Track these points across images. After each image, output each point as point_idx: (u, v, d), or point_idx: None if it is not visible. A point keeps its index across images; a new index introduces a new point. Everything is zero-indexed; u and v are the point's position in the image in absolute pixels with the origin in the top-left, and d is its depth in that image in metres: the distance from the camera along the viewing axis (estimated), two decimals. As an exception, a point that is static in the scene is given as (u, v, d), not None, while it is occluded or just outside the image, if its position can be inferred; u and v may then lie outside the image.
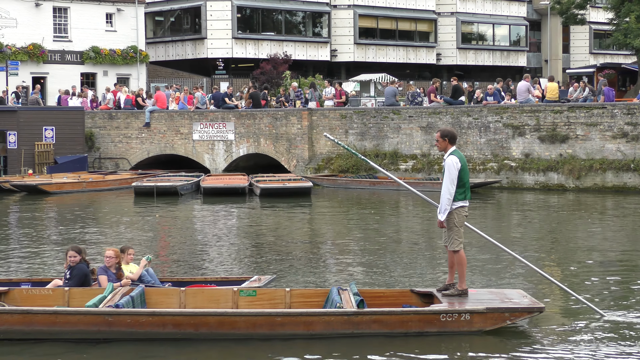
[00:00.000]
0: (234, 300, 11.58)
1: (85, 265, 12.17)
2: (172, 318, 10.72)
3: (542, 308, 11.19)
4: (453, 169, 11.42)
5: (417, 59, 64.35)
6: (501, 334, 10.94)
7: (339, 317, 10.74)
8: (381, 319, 10.81)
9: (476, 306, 11.03)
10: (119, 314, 10.65)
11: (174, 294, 11.70)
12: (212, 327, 10.69)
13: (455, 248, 11.56)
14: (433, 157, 33.76)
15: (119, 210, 27.88)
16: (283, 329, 10.72)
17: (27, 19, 47.41)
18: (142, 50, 51.68)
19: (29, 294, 11.84)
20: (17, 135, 36.35)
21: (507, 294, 11.78)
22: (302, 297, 11.66)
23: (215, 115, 38.44)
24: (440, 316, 10.86)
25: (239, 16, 57.15)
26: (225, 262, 17.04)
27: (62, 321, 10.64)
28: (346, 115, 36.18)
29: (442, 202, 11.49)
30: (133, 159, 39.94)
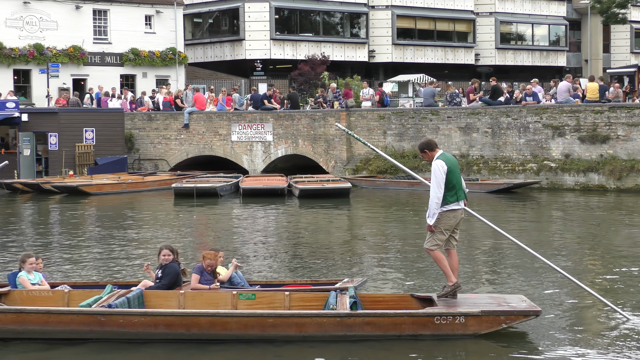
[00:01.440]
0: (233, 304, 11.49)
1: (177, 264, 12.20)
2: (164, 318, 10.69)
3: (538, 312, 10.96)
4: (439, 172, 11.31)
5: (455, 59, 64.11)
6: (497, 337, 10.74)
7: (331, 319, 10.62)
8: (374, 321, 10.65)
9: (471, 309, 10.84)
10: (111, 314, 10.67)
11: (172, 296, 11.65)
12: (203, 328, 10.64)
13: (428, 247, 11.41)
14: (472, 158, 33.61)
15: (161, 211, 28.02)
16: (275, 330, 10.63)
17: (68, 22, 47.83)
18: (181, 52, 51.96)
19: (29, 295, 11.86)
20: (58, 136, 36.68)
21: (507, 298, 11.55)
22: (302, 300, 11.51)
23: (254, 117, 38.53)
24: (434, 319, 10.66)
25: (277, 17, 57.26)
26: (288, 264, 16.95)
27: (55, 321, 10.67)
28: (384, 116, 36.11)
29: (430, 207, 11.33)
30: (172, 160, 40.14)
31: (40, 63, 46.19)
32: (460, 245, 18.40)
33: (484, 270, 16.06)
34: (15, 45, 46.09)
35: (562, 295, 12.73)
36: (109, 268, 16.53)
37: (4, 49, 45.66)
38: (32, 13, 46.95)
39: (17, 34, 46.40)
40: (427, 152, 11.61)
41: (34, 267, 12.18)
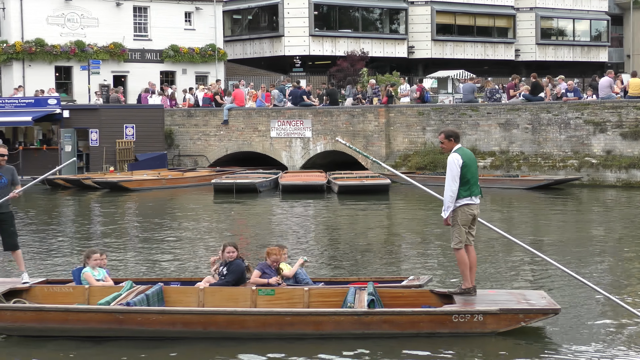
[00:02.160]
0: (253, 300, 11.47)
1: (242, 261, 12.15)
2: (182, 317, 10.71)
3: (557, 309, 10.82)
4: (454, 166, 11.23)
5: (495, 55, 63.73)
6: (515, 335, 10.63)
7: (349, 317, 10.58)
8: (392, 319, 10.59)
9: (489, 307, 10.74)
10: (129, 312, 10.69)
11: (192, 292, 11.68)
12: (221, 326, 10.64)
13: (454, 246, 11.34)
14: (512, 154, 33.42)
15: (203, 207, 28.16)
16: (293, 328, 10.59)
17: (108, 19, 48.17)
18: (220, 49, 52.12)
19: (50, 292, 11.93)
20: (98, 133, 36.97)
21: (527, 295, 11.43)
22: (321, 296, 11.46)
23: (293, 113, 38.57)
24: (452, 317, 10.58)
25: (316, 13, 57.26)
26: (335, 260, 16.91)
27: (74, 319, 10.73)
28: (423, 112, 35.99)
29: (445, 200, 11.29)
30: (211, 156, 40.30)
31: (81, 60, 46.55)
32: (484, 242, 18.30)
33: (507, 265, 15.94)
34: (56, 43, 46.49)
35: (584, 292, 12.57)
36: (159, 264, 16.60)
37: (46, 46, 46.08)
38: (74, 10, 47.33)
39: (59, 31, 46.80)
40: (451, 141, 11.48)
41: (98, 263, 12.21)
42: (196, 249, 18.59)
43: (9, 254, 13.75)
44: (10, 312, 10.91)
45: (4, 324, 10.90)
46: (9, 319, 10.86)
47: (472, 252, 11.50)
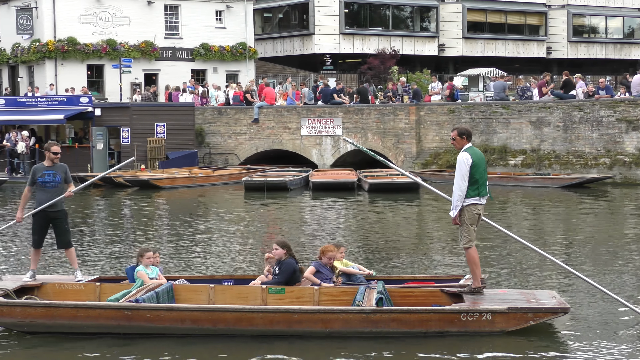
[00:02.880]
0: (263, 298, 11.45)
1: (293, 260, 11.98)
2: (190, 314, 10.70)
3: (567, 309, 10.73)
4: (463, 165, 11.18)
5: (526, 52, 63.41)
6: (524, 334, 10.55)
7: (357, 315, 10.52)
8: (400, 317, 10.53)
9: (498, 306, 10.67)
10: (137, 309, 10.70)
11: (203, 290, 11.67)
12: (229, 323, 10.62)
13: (464, 245, 11.29)
14: (543, 152, 33.23)
15: (235, 205, 28.24)
16: (301, 326, 10.57)
17: (140, 17, 48.41)
18: (251, 47, 52.22)
19: (62, 289, 11.98)
20: (130, 131, 37.17)
21: (537, 294, 11.32)
22: (331, 295, 11.41)
23: (323, 111, 38.57)
24: (460, 315, 10.51)
25: (347, 11, 57.23)
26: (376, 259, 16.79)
27: (83, 315, 10.76)
28: (454, 110, 35.88)
29: (454, 199, 11.26)
30: (242, 154, 40.40)
31: (113, 58, 46.83)
32: (499, 240, 18.21)
33: (523, 264, 15.82)
34: (88, 41, 46.79)
35: (598, 292, 12.46)
36: (200, 261, 16.62)
37: (78, 44, 46.39)
38: (105, 9, 47.61)
39: (91, 30, 47.09)
40: (464, 139, 11.42)
41: (151, 261, 12.18)
42: (235, 247, 18.63)
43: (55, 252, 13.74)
44: (20, 308, 10.96)
45: (15, 320, 10.98)
46: (19, 315, 10.93)
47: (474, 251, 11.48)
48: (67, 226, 12.96)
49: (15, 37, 47.45)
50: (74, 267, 12.85)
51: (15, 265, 16.12)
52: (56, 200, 12.66)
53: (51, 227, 12.92)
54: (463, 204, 11.22)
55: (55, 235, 12.94)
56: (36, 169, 12.88)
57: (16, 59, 48.09)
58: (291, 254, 11.98)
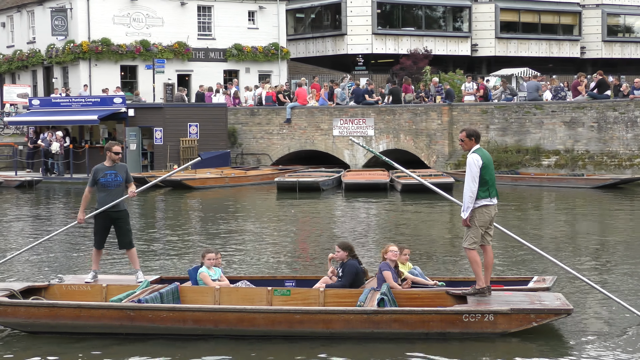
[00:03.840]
0: (268, 300, 11.45)
1: (356, 262, 11.87)
2: (192, 314, 10.71)
3: (570, 310, 10.61)
4: (474, 167, 11.12)
5: (560, 52, 63.02)
6: (527, 336, 10.47)
7: (358, 316, 10.48)
8: (401, 318, 10.48)
9: (500, 307, 10.59)
10: (140, 309, 10.74)
11: (208, 292, 11.67)
12: (231, 323, 10.62)
13: (467, 246, 11.21)
14: (577, 153, 33.01)
15: (268, 205, 28.29)
16: (302, 327, 10.54)
17: (173, 18, 48.65)
18: (283, 47, 52.30)
19: (69, 290, 12.00)
20: (163, 131, 37.34)
21: (542, 296, 11.18)
22: (337, 297, 11.36)
23: (355, 111, 38.55)
24: (462, 316, 10.44)
25: (379, 12, 57.18)
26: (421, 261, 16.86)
27: (86, 315, 10.79)
28: (487, 110, 35.73)
29: (465, 201, 11.19)
30: (274, 154, 40.46)
31: (146, 59, 47.09)
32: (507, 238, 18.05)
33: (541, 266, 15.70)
34: (122, 42, 47.08)
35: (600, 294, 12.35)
36: (248, 262, 16.61)
37: (112, 45, 46.70)
38: (139, 10, 47.89)
39: (125, 31, 47.38)
40: (472, 141, 11.39)
41: (213, 263, 12.12)
42: (274, 247, 18.63)
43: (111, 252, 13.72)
44: (24, 308, 11.01)
45: (19, 320, 11.03)
46: (23, 315, 10.97)
47: (489, 252, 11.40)
48: (129, 227, 12.90)
49: (50, 38, 47.84)
50: (136, 267, 12.83)
51: (74, 265, 16.21)
52: (119, 200, 12.62)
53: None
54: (475, 205, 11.17)
55: (116, 235, 12.87)
56: (97, 169, 12.81)
57: (51, 60, 48.49)
58: (354, 256, 11.91)
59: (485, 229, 11.28)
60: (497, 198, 11.36)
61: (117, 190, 12.67)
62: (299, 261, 16.84)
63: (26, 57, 50.77)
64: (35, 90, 50.21)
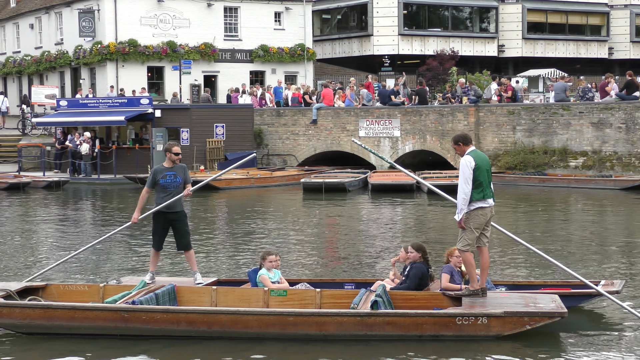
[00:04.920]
0: (265, 300, 11.44)
1: (424, 265, 11.79)
2: (186, 316, 10.72)
3: (564, 313, 10.52)
4: (466, 169, 11.13)
5: (587, 53, 62.65)
6: (521, 339, 10.40)
7: (351, 318, 10.47)
8: (395, 320, 10.46)
9: (494, 309, 10.53)
10: (134, 311, 10.76)
11: (205, 292, 11.70)
12: (225, 325, 10.62)
13: (461, 247, 11.17)
14: (605, 154, 32.79)
15: (297, 206, 28.29)
16: (296, 329, 10.54)
17: (200, 19, 48.77)
18: (309, 48, 52.30)
19: (66, 290, 12.01)
20: (189, 132, 37.44)
21: (538, 298, 11.10)
22: (333, 298, 11.37)
23: (381, 112, 38.49)
24: (456, 319, 10.40)
25: (405, 13, 57.07)
26: None
27: (81, 316, 10.83)
28: (514, 111, 35.56)
29: (458, 203, 11.19)
30: (300, 155, 40.47)
31: (172, 60, 47.24)
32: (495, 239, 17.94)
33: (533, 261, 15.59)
34: (149, 43, 47.25)
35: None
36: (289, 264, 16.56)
37: (139, 46, 46.87)
38: (166, 11, 48.04)
39: (151, 32, 47.56)
40: (460, 145, 11.43)
41: (274, 265, 12.03)
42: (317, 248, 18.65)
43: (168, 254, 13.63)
44: (19, 309, 11.02)
45: (14, 321, 11.05)
46: (18, 316, 11.00)
47: (485, 254, 11.36)
48: (187, 228, 12.78)
49: (78, 40, 48.09)
50: (193, 269, 12.77)
51: (131, 266, 16.28)
52: (175, 199, 12.50)
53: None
54: (469, 208, 11.15)
55: (174, 237, 12.80)
56: (157, 170, 12.78)
57: (78, 61, 48.75)
58: (425, 258, 11.89)
59: (481, 231, 11.26)
60: (492, 199, 11.33)
61: (176, 192, 12.56)
62: (337, 264, 16.73)
63: (54, 58, 51.07)
64: (62, 91, 50.49)
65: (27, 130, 44.78)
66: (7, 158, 41.17)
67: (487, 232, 11.36)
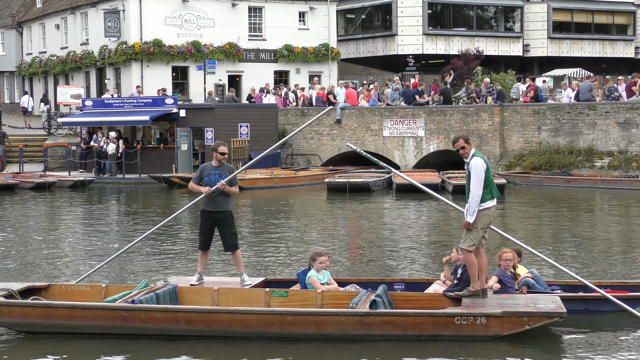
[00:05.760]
0: (266, 301, 11.45)
1: None
2: (185, 315, 10.74)
3: (563, 313, 10.47)
4: (479, 171, 11.23)
5: (614, 53, 62.26)
6: (520, 339, 10.35)
7: (350, 318, 10.46)
8: (393, 320, 10.44)
9: (493, 309, 10.50)
10: (133, 310, 10.77)
11: (207, 293, 11.71)
12: (223, 324, 10.63)
13: (466, 247, 11.15)
14: (631, 154, 32.57)
15: (322, 206, 28.29)
16: (294, 328, 10.53)
17: (224, 19, 48.85)
18: (334, 48, 52.26)
19: (68, 290, 12.07)
20: (214, 132, 37.53)
21: (538, 299, 11.08)
22: (334, 298, 11.36)
23: (406, 112, 38.42)
24: (454, 319, 10.38)
25: (430, 12, 56.92)
26: None
27: (81, 315, 10.87)
28: (539, 111, 35.40)
29: (471, 204, 11.21)
30: (324, 155, 40.46)
31: (197, 60, 47.34)
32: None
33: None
34: (174, 43, 47.37)
35: None
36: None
37: (164, 46, 47.00)
38: (191, 11, 48.16)
39: (176, 32, 47.68)
40: (470, 144, 11.55)
41: (323, 266, 11.98)
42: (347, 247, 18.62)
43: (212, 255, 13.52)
44: (19, 308, 11.09)
45: (14, 320, 11.12)
46: (19, 315, 11.06)
47: (483, 255, 11.37)
48: (233, 229, 12.66)
49: (103, 40, 48.31)
50: (240, 270, 12.72)
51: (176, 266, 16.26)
52: (214, 188, 12.43)
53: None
54: (480, 207, 11.19)
55: (220, 237, 12.76)
56: (204, 167, 12.84)
57: (103, 61, 48.97)
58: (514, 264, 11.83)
59: (484, 232, 11.29)
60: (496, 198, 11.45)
61: (220, 191, 12.53)
62: (368, 263, 16.72)
63: (79, 58, 51.32)
64: (88, 91, 50.73)
65: (52, 130, 45.04)
66: (32, 158, 41.40)
67: (486, 233, 11.42)
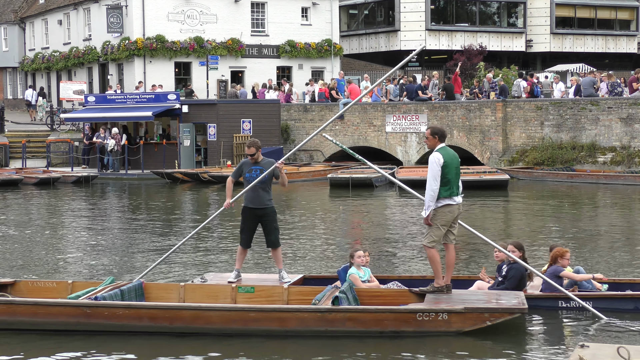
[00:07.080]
0: (232, 297, 11.46)
1: (522, 265, 11.64)
2: (148, 311, 10.71)
3: (524, 309, 10.52)
4: (435, 165, 11.14)
5: (616, 48, 62.20)
6: (481, 335, 10.37)
7: (312, 314, 10.49)
8: (355, 317, 10.46)
9: (455, 305, 10.52)
10: (96, 306, 10.74)
11: (173, 289, 11.72)
12: (186, 321, 10.61)
13: (426, 244, 11.18)
14: (634, 150, 32.55)
15: (327, 202, 28.29)
16: (257, 324, 10.53)
17: (227, 15, 48.83)
18: (336, 44, 52.25)
19: (35, 287, 12.05)
20: (216, 127, 37.53)
21: (502, 295, 11.11)
22: (301, 294, 11.40)
23: (408, 108, 38.40)
24: (416, 315, 10.39)
25: (433, 7, 56.91)
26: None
27: (44, 312, 10.79)
28: (542, 106, 35.37)
29: (426, 200, 11.21)
30: (327, 151, 40.46)
31: (200, 56, 47.33)
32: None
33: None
34: (176, 39, 47.36)
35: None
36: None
37: (166, 42, 46.99)
38: (193, 7, 48.14)
39: (179, 28, 47.66)
40: (436, 138, 11.40)
41: (362, 262, 11.92)
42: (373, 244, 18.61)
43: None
44: None
45: None
46: None
47: (451, 251, 11.38)
48: (276, 224, 12.59)
49: (106, 35, 48.32)
50: (279, 267, 12.63)
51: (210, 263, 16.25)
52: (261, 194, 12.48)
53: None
54: (436, 205, 11.16)
55: (264, 233, 12.64)
56: (244, 163, 12.86)
57: (106, 57, 48.98)
58: (524, 258, 11.82)
59: (449, 228, 11.27)
60: (460, 197, 11.39)
61: (262, 187, 12.53)
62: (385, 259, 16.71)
63: (82, 54, 51.32)
64: (90, 87, 50.75)
65: (55, 126, 45.06)
66: (36, 154, 41.43)
67: (454, 229, 11.40)
